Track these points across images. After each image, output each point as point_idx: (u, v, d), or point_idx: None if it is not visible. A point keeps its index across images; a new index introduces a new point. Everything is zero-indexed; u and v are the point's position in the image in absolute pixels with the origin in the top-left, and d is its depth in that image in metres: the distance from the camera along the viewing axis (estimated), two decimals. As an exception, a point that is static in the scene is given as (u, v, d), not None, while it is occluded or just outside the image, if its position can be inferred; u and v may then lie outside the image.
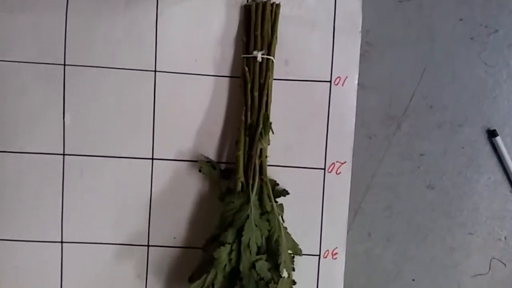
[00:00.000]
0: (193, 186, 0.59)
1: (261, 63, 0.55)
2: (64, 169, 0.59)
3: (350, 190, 0.59)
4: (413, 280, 0.60)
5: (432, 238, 0.60)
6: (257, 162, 0.55)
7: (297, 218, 0.59)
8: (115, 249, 0.59)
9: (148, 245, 0.60)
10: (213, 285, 0.53)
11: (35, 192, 0.58)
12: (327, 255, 0.60)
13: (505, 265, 0.60)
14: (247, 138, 0.55)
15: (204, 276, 0.53)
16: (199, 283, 0.53)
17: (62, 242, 0.59)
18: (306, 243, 0.58)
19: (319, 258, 0.60)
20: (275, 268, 0.54)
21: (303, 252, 0.58)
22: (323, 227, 0.60)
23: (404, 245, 0.60)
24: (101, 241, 0.59)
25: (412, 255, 0.60)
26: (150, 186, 0.59)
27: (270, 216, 0.54)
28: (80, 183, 0.59)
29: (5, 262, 0.59)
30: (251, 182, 0.54)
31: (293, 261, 0.56)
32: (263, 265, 0.53)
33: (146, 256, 0.60)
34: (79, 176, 0.59)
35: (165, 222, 0.59)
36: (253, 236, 0.52)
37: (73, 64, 0.58)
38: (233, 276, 0.53)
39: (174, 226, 0.59)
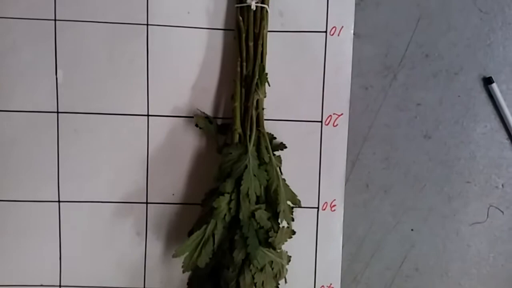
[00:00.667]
0: (190, 142, 0.59)
1: (255, 12, 0.54)
2: (59, 128, 0.58)
3: (347, 142, 0.58)
4: (411, 230, 0.60)
5: (429, 187, 0.60)
6: (254, 113, 0.54)
7: (295, 171, 0.59)
8: (114, 208, 0.59)
9: (146, 203, 0.60)
10: (213, 235, 0.53)
11: (30, 151, 0.58)
12: (325, 207, 0.60)
13: (502, 212, 0.60)
14: (243, 90, 0.54)
15: (204, 226, 0.53)
16: (199, 233, 0.53)
17: (59, 201, 0.59)
18: (305, 196, 0.58)
19: (318, 211, 0.60)
20: (275, 217, 0.54)
21: (302, 206, 0.59)
22: (321, 179, 0.60)
23: (402, 195, 0.60)
24: (99, 199, 0.59)
25: (410, 205, 0.60)
26: (146, 143, 0.59)
27: (268, 167, 0.54)
28: (75, 141, 0.58)
29: (2, 223, 0.59)
30: (248, 133, 0.53)
31: (292, 212, 0.57)
32: (262, 214, 0.53)
33: (145, 214, 0.60)
34: (74, 134, 0.58)
35: (163, 179, 0.59)
36: (252, 185, 0.52)
37: (64, 19, 0.57)
38: (233, 226, 0.53)
39: (173, 183, 0.59)
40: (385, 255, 0.61)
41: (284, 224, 0.55)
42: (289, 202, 0.56)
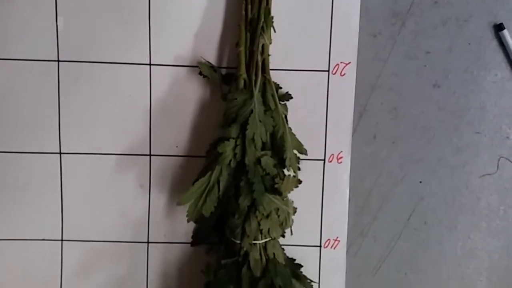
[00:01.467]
0: (194, 92, 0.57)
1: (261, -47, 0.53)
2: (59, 77, 0.56)
3: (355, 92, 0.57)
4: (420, 182, 0.59)
5: (438, 138, 0.59)
6: (260, 58, 0.53)
7: (301, 122, 0.57)
8: (116, 160, 0.58)
9: (150, 155, 0.59)
10: (218, 182, 0.52)
11: (30, 101, 0.56)
12: (332, 159, 0.59)
13: (512, 163, 0.59)
14: (248, 34, 0.53)
15: (209, 173, 0.52)
16: (204, 180, 0.52)
17: (60, 153, 0.58)
18: (311, 148, 0.57)
19: (324, 163, 0.59)
20: (281, 165, 0.53)
21: (308, 157, 0.58)
22: (327, 131, 0.58)
23: (410, 146, 0.59)
24: (101, 151, 0.58)
25: (419, 157, 0.59)
26: (149, 93, 0.57)
27: (274, 113, 0.53)
28: (76, 91, 0.57)
29: (1, 175, 0.58)
30: (253, 78, 0.52)
31: (299, 161, 0.56)
32: (268, 160, 0.52)
33: (149, 166, 0.58)
34: (75, 84, 0.57)
35: (166, 131, 0.57)
36: (258, 131, 0.51)
37: (64, -37, 0.56)
38: (238, 172, 0.52)
39: (176, 135, 0.58)
40: (393, 208, 0.59)
41: (290, 173, 0.55)
42: (295, 151, 0.55)
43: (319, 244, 0.60)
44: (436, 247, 0.60)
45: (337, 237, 0.60)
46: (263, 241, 0.52)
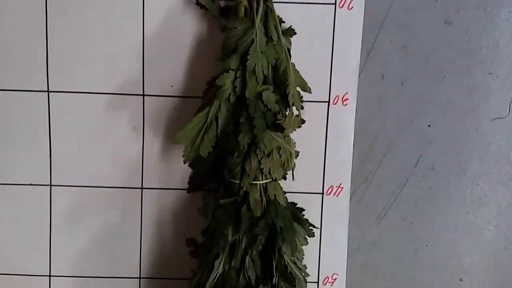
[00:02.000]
0: (190, 26, 0.53)
1: None
2: (47, 8, 0.52)
3: (362, 29, 0.54)
4: (429, 126, 0.56)
5: (449, 79, 0.55)
6: (261, -15, 0.50)
7: (304, 61, 0.53)
8: (107, 99, 0.54)
9: (143, 95, 0.55)
10: (216, 118, 0.49)
11: (15, 35, 0.52)
12: (337, 101, 0.56)
13: (525, 106, 0.57)
14: (249, -41, 0.50)
15: (207, 109, 0.48)
16: (202, 116, 0.48)
17: (48, 91, 0.54)
18: (315, 89, 0.53)
19: (328, 105, 0.55)
20: (283, 101, 0.49)
21: (311, 99, 0.55)
22: (332, 70, 0.55)
23: (420, 87, 0.55)
24: (91, 90, 0.54)
25: (428, 99, 0.56)
26: (141, 26, 0.53)
27: (276, 46, 0.49)
28: (65, 24, 0.53)
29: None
30: (255, 6, 0.49)
31: (302, 100, 0.53)
32: (270, 96, 0.48)
33: (142, 107, 0.55)
34: (64, 16, 0.53)
35: (160, 68, 0.54)
36: (259, 62, 0.47)
37: None
38: (238, 109, 0.49)
39: (171, 73, 0.54)
40: (399, 153, 0.56)
41: (293, 112, 0.52)
42: (298, 89, 0.52)
43: (321, 191, 0.57)
44: (443, 194, 0.57)
45: (340, 184, 0.57)
46: (264, 181, 0.49)
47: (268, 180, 0.50)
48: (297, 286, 0.50)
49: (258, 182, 0.49)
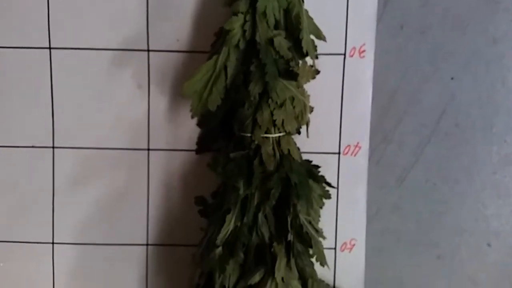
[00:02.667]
0: (196, -24, 0.52)
1: None
2: (46, -41, 0.51)
3: (379, -25, 0.51)
4: (451, 78, 0.53)
5: (472, 28, 0.52)
6: None
7: (318, 11, 0.49)
8: (110, 55, 0.51)
9: (148, 50, 0.52)
10: (225, 68, 0.46)
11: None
12: (353, 54, 0.52)
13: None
14: None
15: (215, 57, 0.46)
16: (210, 65, 0.45)
17: (50, 48, 0.51)
18: (330, 41, 0.49)
19: (344, 57, 0.52)
20: (296, 48, 0.46)
21: (326, 51, 0.51)
22: (348, 20, 0.51)
23: (441, 38, 0.52)
24: (93, 46, 0.51)
25: (450, 50, 0.52)
26: (146, -24, 0.52)
27: (288, -12, 0.47)
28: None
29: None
30: None
31: (316, 49, 0.49)
32: (282, 41, 0.45)
33: (147, 63, 0.52)
34: (64, -32, 0.51)
35: (166, 22, 0.51)
36: (270, 4, 0.44)
37: None
38: (248, 56, 0.45)
39: (177, 27, 0.51)
40: (421, 109, 0.53)
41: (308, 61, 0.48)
42: (312, 37, 0.49)
43: (337, 151, 0.54)
44: (468, 153, 0.54)
45: (358, 143, 0.54)
46: (276, 135, 0.46)
47: (281, 134, 0.47)
48: (313, 247, 0.47)
49: (270, 136, 0.46)
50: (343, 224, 0.55)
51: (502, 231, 0.55)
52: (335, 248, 0.55)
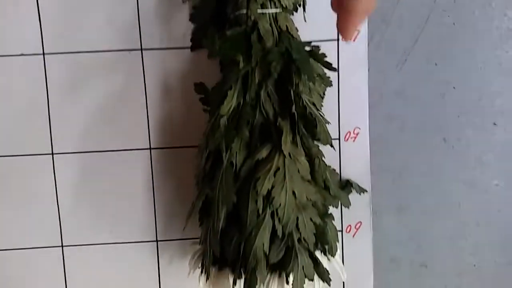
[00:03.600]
0: None
1: None
2: None
3: None
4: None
5: None
6: None
7: None
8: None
9: None
10: None
11: None
12: None
13: None
14: None
15: None
16: None
17: None
18: None
19: None
20: None
21: None
22: None
23: None
24: None
25: None
26: None
27: None
28: None
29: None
30: None
31: None
32: None
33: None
34: None
35: None
36: None
37: None
38: None
39: None
40: (418, -13, 0.53)
41: None
42: None
43: (336, 37, 0.53)
44: (468, 29, 0.52)
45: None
46: (273, 10, 0.45)
47: (278, 10, 0.45)
48: (318, 126, 0.46)
49: (267, 11, 0.45)
50: (346, 112, 0.54)
51: (507, 109, 0.54)
52: (339, 139, 0.55)
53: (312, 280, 0.44)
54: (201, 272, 0.47)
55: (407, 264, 0.57)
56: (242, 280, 0.43)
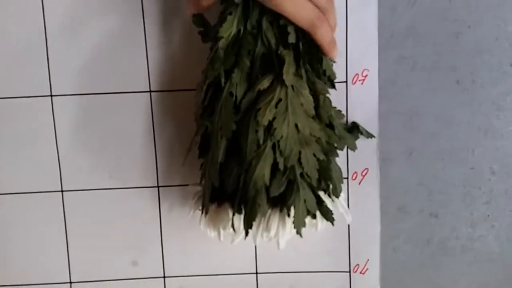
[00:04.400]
0: None
1: None
2: None
3: None
4: None
5: None
6: None
7: None
8: None
9: None
10: None
11: None
12: None
13: None
14: None
15: None
16: None
17: None
18: None
19: None
20: None
21: None
22: None
23: None
24: None
25: None
26: None
27: None
28: None
29: None
30: None
31: None
32: None
33: None
34: None
35: None
36: None
37: None
38: None
39: None
40: None
41: None
42: None
43: (344, -27, 0.51)
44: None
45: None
46: None
47: None
48: (323, 59, 0.44)
49: None
50: (354, 54, 0.51)
51: (526, 47, 0.52)
52: (346, 82, 0.52)
53: (314, 215, 0.42)
54: (201, 211, 0.46)
55: (416, 213, 0.55)
56: (242, 216, 0.42)
